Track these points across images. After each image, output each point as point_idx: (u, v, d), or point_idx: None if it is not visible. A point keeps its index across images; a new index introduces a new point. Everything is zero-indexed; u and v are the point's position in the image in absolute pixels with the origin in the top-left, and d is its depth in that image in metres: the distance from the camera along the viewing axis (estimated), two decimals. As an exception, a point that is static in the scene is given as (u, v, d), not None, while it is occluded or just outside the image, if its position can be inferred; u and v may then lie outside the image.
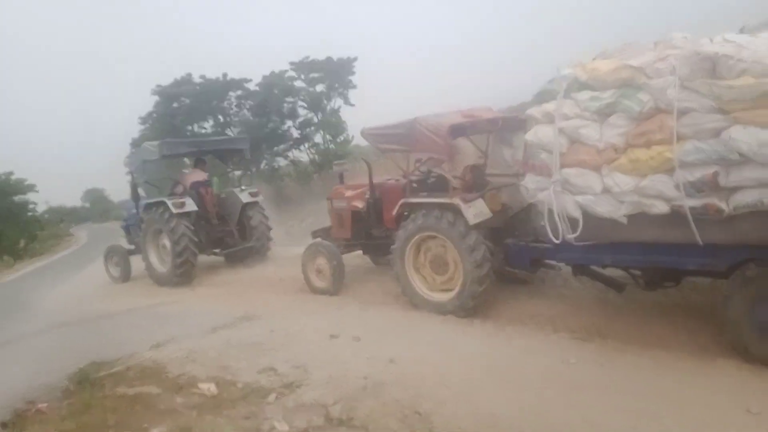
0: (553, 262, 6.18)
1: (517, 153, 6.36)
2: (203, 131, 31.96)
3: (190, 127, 32.72)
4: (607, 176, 4.64)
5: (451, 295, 6.33)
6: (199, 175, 11.40)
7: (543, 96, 5.15)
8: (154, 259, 10.94)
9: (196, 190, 10.98)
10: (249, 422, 3.84)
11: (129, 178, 12.08)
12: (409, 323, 5.81)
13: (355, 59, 29.81)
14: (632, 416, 3.42)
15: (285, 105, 27.42)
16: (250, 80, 30.87)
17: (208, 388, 4.52)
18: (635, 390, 3.79)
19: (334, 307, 6.77)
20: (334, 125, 25.75)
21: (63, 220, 47.20)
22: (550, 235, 5.07)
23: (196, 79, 31.56)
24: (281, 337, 5.78)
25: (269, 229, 11.35)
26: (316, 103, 26.73)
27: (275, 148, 27.40)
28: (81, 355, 6.00)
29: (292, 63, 29.96)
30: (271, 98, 27.19)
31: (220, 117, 32.27)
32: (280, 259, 10.49)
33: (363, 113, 25.44)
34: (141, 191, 12.16)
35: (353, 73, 29.24)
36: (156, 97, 32.86)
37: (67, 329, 8.11)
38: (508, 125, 6.31)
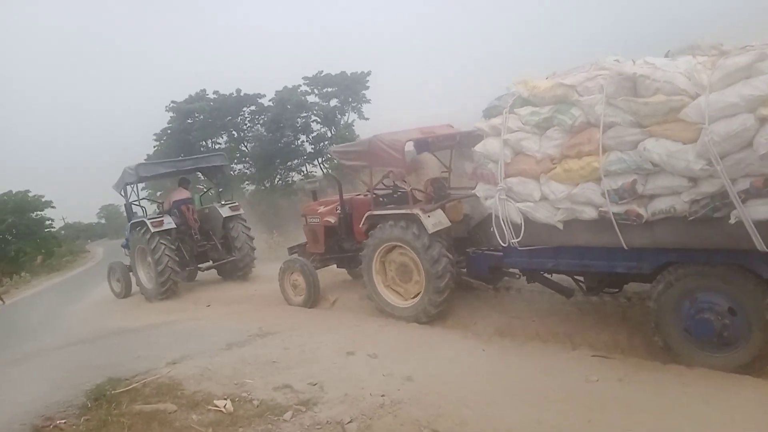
0: (513, 271, 6.52)
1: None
2: (217, 146, 32.19)
3: (204, 143, 32.99)
4: (544, 185, 5.11)
5: (415, 302, 6.79)
6: (182, 194, 12.07)
7: (491, 111, 5.60)
8: (142, 275, 11.50)
9: (178, 208, 11.69)
10: (265, 440, 3.81)
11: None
12: (427, 341, 5.74)
13: (369, 73, 29.97)
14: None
15: (298, 120, 27.57)
16: (264, 95, 31.13)
17: (224, 405, 4.48)
18: (658, 408, 3.70)
19: (350, 323, 6.72)
20: (348, 140, 25.92)
21: (79, 236, 47.64)
22: (498, 240, 5.54)
23: (210, 95, 31.94)
24: (296, 354, 5.74)
25: (251, 239, 11.83)
26: (329, 118, 26.91)
27: (289, 163, 27.53)
28: (98, 371, 6.00)
29: (305, 78, 30.15)
30: (285, 113, 27.36)
31: (234, 132, 32.53)
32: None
33: (377, 127, 25.51)
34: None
35: (367, 87, 29.37)
36: (170, 114, 33.29)
37: (84, 345, 8.14)
38: (467, 140, 6.38)
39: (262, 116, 30.51)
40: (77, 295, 15.28)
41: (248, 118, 32.27)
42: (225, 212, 11.63)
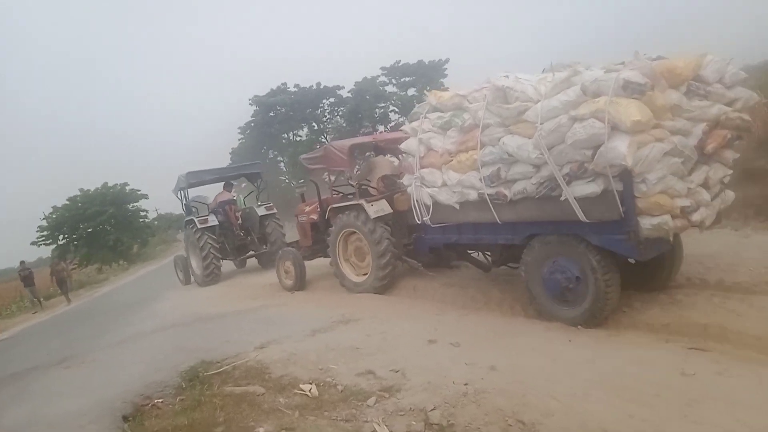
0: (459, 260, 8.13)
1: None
2: (298, 139, 32.85)
3: (285, 135, 33.79)
4: (444, 173, 6.53)
5: (366, 277, 8.53)
6: (226, 196, 14.60)
7: (413, 116, 7.09)
8: (194, 264, 13.99)
9: (222, 208, 14.24)
10: (350, 425, 3.84)
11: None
12: (510, 330, 5.62)
13: (447, 61, 29.66)
14: (758, 433, 3.12)
15: (377, 110, 27.71)
16: (343, 87, 31.53)
17: (310, 389, 4.58)
18: (760, 404, 3.45)
19: (431, 312, 6.70)
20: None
21: (171, 226, 49.99)
22: (415, 218, 7.14)
23: (291, 88, 32.64)
24: (378, 341, 5.79)
25: (283, 234, 14.05)
26: (407, 107, 26.96)
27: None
28: (191, 354, 6.32)
29: (383, 68, 30.28)
30: (363, 104, 27.57)
31: (314, 124, 33.11)
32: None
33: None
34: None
35: (445, 75, 29.08)
36: (254, 107, 34.30)
37: (178, 329, 8.58)
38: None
39: (342, 108, 30.88)
40: (170, 282, 16.13)
41: (328, 110, 32.75)
42: (261, 211, 14.04)
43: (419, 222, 7.12)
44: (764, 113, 11.20)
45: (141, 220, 41.32)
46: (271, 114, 33.00)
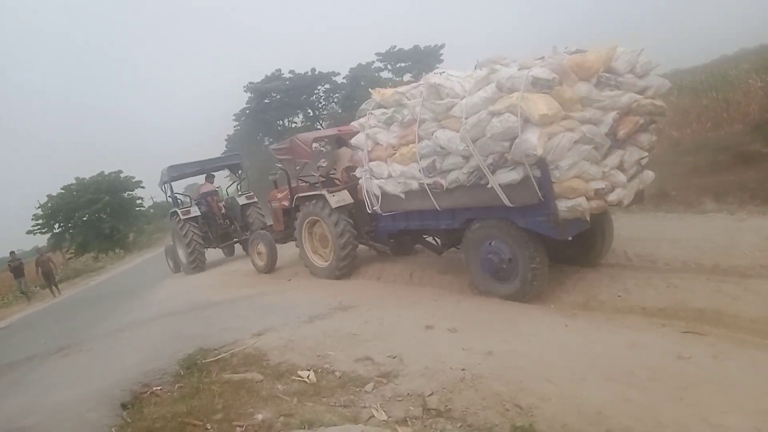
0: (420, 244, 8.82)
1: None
2: (293, 126, 32.68)
3: (280, 122, 33.62)
4: (390, 166, 7.06)
5: (328, 262, 9.13)
6: (208, 187, 15.41)
7: (361, 113, 7.56)
8: (180, 253, 14.54)
9: (205, 199, 14.99)
10: (348, 410, 3.86)
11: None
12: (506, 315, 5.63)
13: (443, 46, 29.50)
14: (754, 416, 3.12)
15: (372, 96, 27.56)
16: (338, 73, 31.34)
17: (308, 376, 4.60)
18: (756, 387, 3.48)
19: (428, 298, 6.72)
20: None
21: (167, 214, 50.01)
22: (367, 207, 7.76)
23: (286, 74, 32.42)
24: (376, 327, 5.80)
25: (264, 222, 14.16)
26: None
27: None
28: (189, 341, 6.32)
29: (378, 54, 30.12)
30: (358, 90, 27.47)
31: (309, 111, 32.92)
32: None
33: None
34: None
35: (441, 60, 28.92)
36: (248, 94, 34.08)
37: (175, 317, 8.58)
38: None
39: (337, 94, 30.71)
40: (166, 270, 16.17)
41: (323, 96, 32.55)
42: (242, 201, 14.75)
43: (370, 212, 7.81)
44: (760, 96, 11.23)
45: (137, 208, 41.24)
46: (266, 101, 32.83)
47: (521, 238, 5.91)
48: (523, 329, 5.07)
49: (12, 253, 20.49)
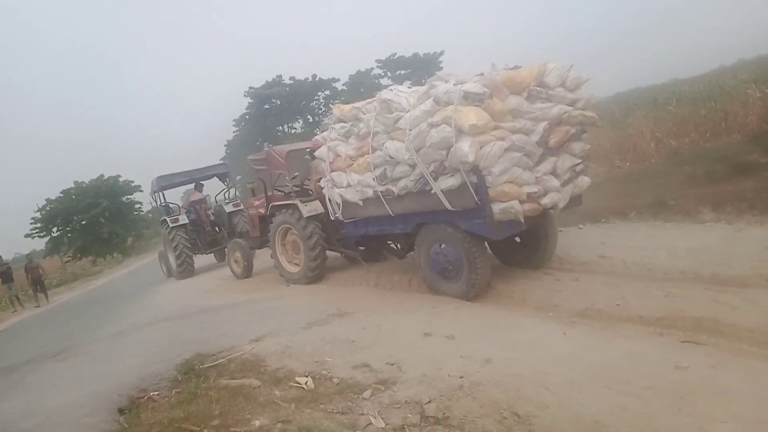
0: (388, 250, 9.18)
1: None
2: (293, 132, 32.73)
3: (280, 128, 33.67)
4: (348, 175, 7.62)
5: (300, 268, 9.68)
6: (197, 196, 16.00)
7: (323, 127, 8.24)
8: (171, 259, 15.08)
9: (194, 207, 15.65)
10: (346, 417, 3.85)
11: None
12: (505, 323, 5.62)
13: (442, 53, 29.59)
14: (752, 426, 3.13)
15: (372, 103, 27.61)
16: (338, 80, 31.45)
17: (306, 382, 4.60)
18: (755, 396, 3.48)
19: (425, 305, 6.70)
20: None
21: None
22: (330, 215, 8.39)
23: (287, 80, 32.50)
24: (374, 334, 5.80)
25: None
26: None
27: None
28: (186, 346, 6.33)
29: (378, 60, 30.23)
30: (358, 97, 27.47)
31: (309, 117, 32.97)
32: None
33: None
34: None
35: (440, 67, 28.99)
36: (249, 99, 34.14)
37: (173, 322, 8.58)
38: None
39: (336, 100, 30.75)
40: (162, 274, 16.18)
41: (323, 103, 32.61)
42: (228, 208, 15.31)
43: (333, 218, 8.43)
44: (758, 107, 11.26)
45: (135, 212, 41.19)
46: (266, 106, 32.91)
47: (463, 240, 6.41)
48: (521, 337, 5.07)
49: None
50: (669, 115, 14.00)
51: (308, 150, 9.71)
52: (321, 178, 9.32)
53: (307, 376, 4.72)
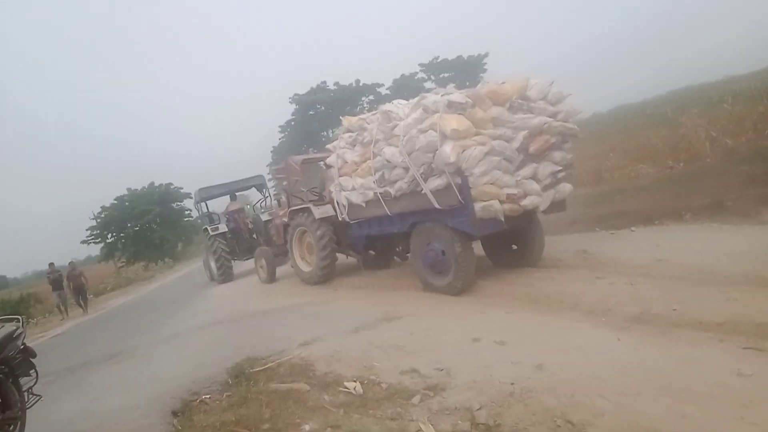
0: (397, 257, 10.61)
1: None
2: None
3: (325, 133, 34.00)
4: (353, 180, 8.51)
5: (312, 268, 10.63)
6: (235, 206, 17.20)
7: (334, 138, 9.07)
8: (212, 265, 16.03)
9: (232, 216, 16.75)
10: (395, 423, 3.81)
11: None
12: (556, 328, 5.46)
13: (486, 55, 29.33)
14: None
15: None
16: (382, 84, 31.57)
17: (354, 387, 4.59)
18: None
19: (474, 310, 6.61)
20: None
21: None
22: (338, 216, 9.35)
23: (331, 86, 32.81)
24: (422, 338, 5.74)
25: None
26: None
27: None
28: (237, 350, 6.42)
29: (421, 64, 30.19)
30: (402, 101, 27.46)
31: (354, 122, 33.03)
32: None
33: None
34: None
35: (485, 69, 28.75)
36: (294, 105, 34.61)
37: (224, 326, 8.75)
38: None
39: (380, 105, 30.84)
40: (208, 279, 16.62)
41: (367, 108, 32.74)
42: (264, 217, 15.85)
43: (340, 219, 9.34)
44: (756, 121, 10.86)
45: (185, 219, 42.25)
46: (311, 112, 33.29)
47: (451, 237, 7.12)
48: (574, 342, 4.92)
49: (51, 264, 19.83)
50: (724, 113, 13.50)
51: (323, 161, 10.37)
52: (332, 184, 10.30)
53: (355, 381, 4.71)
